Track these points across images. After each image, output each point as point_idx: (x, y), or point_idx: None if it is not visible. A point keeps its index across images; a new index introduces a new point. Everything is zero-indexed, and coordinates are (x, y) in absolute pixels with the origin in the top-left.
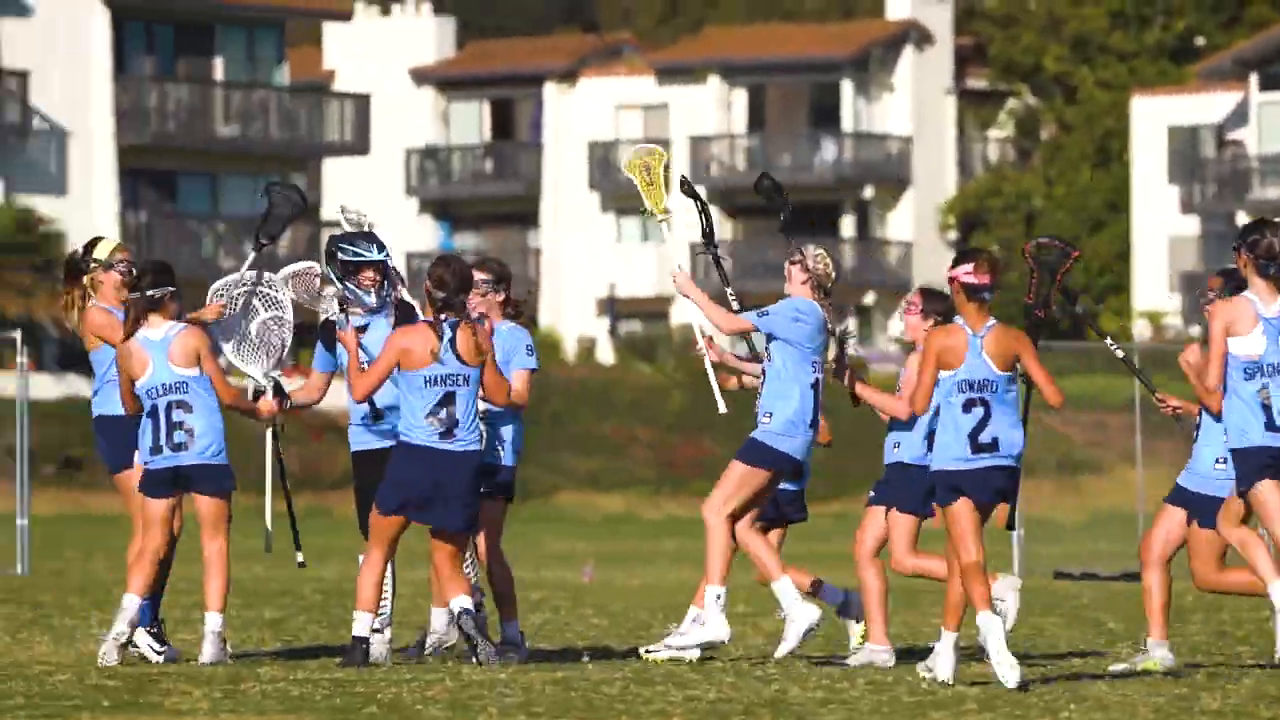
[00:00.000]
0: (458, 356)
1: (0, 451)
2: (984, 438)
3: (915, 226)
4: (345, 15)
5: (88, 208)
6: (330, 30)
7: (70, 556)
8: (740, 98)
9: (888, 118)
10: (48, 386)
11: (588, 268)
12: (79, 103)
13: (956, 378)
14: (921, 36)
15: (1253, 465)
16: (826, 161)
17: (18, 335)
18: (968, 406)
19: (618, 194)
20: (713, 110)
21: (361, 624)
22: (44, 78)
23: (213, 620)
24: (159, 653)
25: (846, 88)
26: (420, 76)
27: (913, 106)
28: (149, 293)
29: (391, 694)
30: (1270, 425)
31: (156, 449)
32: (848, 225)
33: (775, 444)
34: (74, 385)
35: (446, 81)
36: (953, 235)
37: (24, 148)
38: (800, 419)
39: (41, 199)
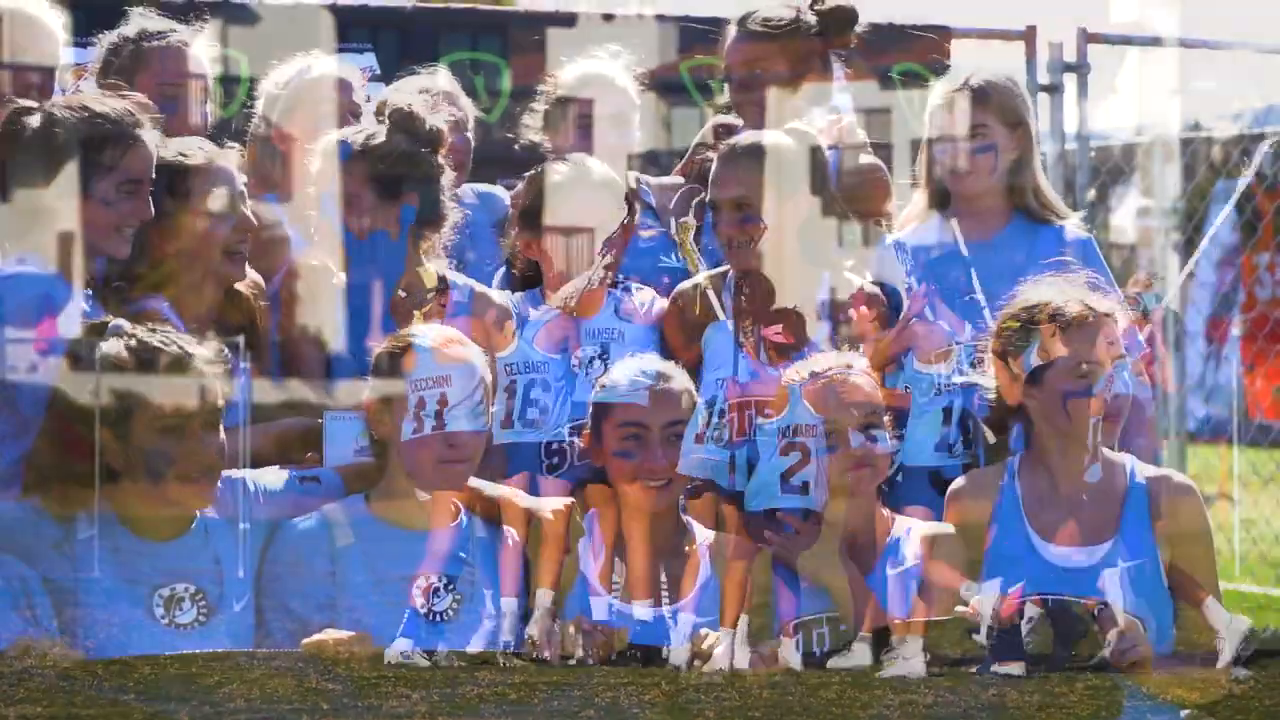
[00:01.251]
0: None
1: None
2: (795, 481)
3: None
4: (569, 20)
5: (310, 213)
6: (553, 35)
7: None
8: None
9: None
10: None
11: (806, 269)
12: None
13: (782, 423)
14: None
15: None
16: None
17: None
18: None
19: (843, 198)
20: (938, 113)
21: None
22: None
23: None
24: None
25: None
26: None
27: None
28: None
29: (609, 698)
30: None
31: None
32: None
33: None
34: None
35: (668, 86)
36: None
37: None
38: (688, 435)
39: (264, 206)
